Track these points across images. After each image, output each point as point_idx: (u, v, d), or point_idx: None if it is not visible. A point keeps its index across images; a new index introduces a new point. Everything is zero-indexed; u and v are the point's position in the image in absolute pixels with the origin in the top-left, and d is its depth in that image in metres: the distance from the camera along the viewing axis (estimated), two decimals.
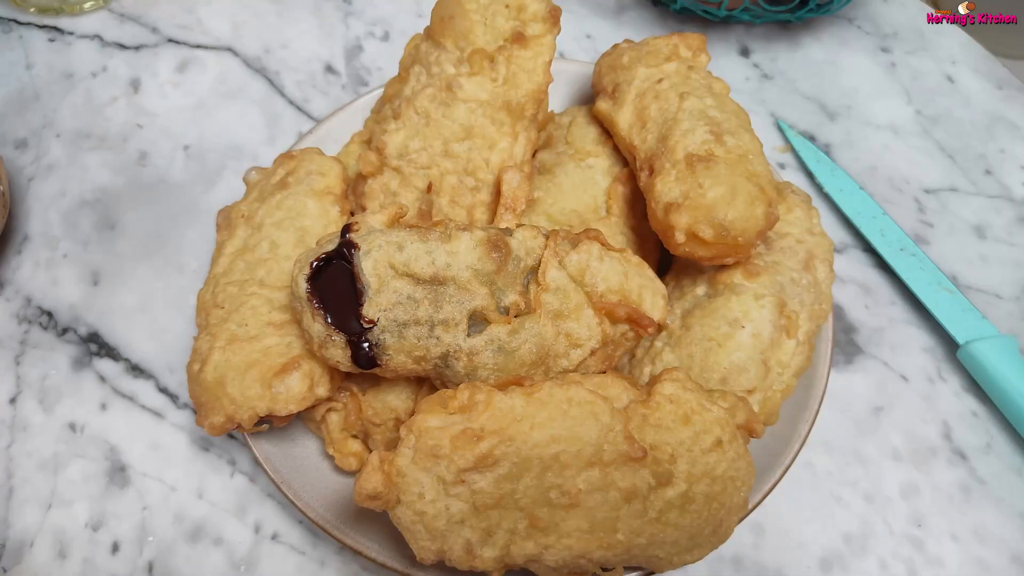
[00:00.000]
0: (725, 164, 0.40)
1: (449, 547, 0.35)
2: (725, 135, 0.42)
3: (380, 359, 0.38)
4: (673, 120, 0.43)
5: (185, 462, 0.48)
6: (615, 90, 0.47)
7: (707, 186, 0.40)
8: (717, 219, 0.40)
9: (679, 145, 0.42)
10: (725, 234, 0.40)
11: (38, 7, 0.66)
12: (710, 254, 0.41)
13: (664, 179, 0.41)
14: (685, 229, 0.40)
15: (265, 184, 0.47)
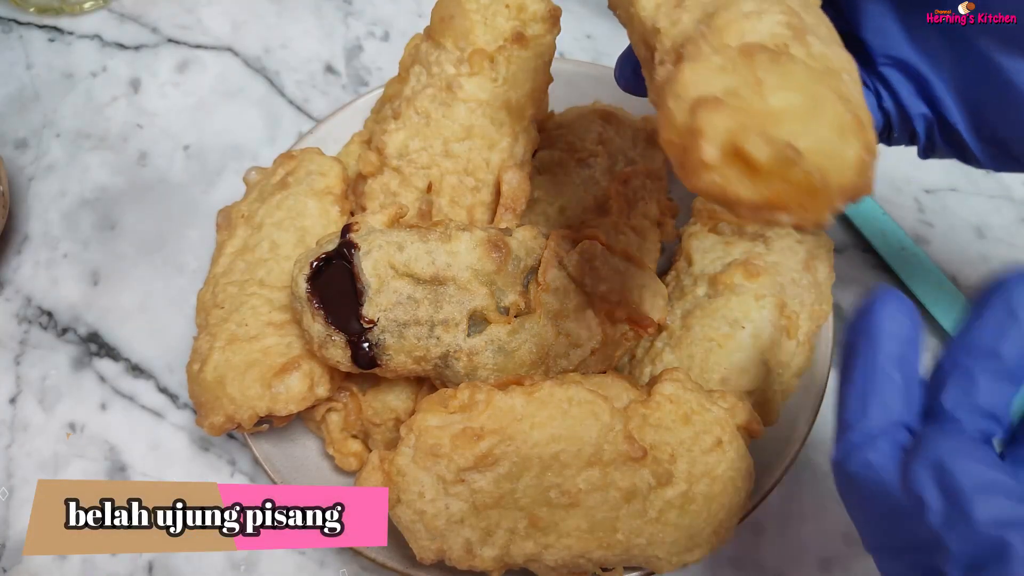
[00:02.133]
0: (804, 67, 0.22)
1: (449, 546, 0.35)
2: (808, 35, 0.24)
3: (380, 359, 0.38)
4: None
5: (185, 462, 0.48)
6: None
7: (770, 85, 0.22)
8: (781, 135, 0.21)
9: (732, 27, 0.24)
10: (792, 162, 0.21)
11: (38, 7, 0.66)
12: (756, 195, 0.21)
13: (698, 65, 0.23)
14: (722, 138, 0.21)
15: (265, 184, 0.47)
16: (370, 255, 0.37)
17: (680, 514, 0.35)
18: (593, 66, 0.55)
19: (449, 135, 0.45)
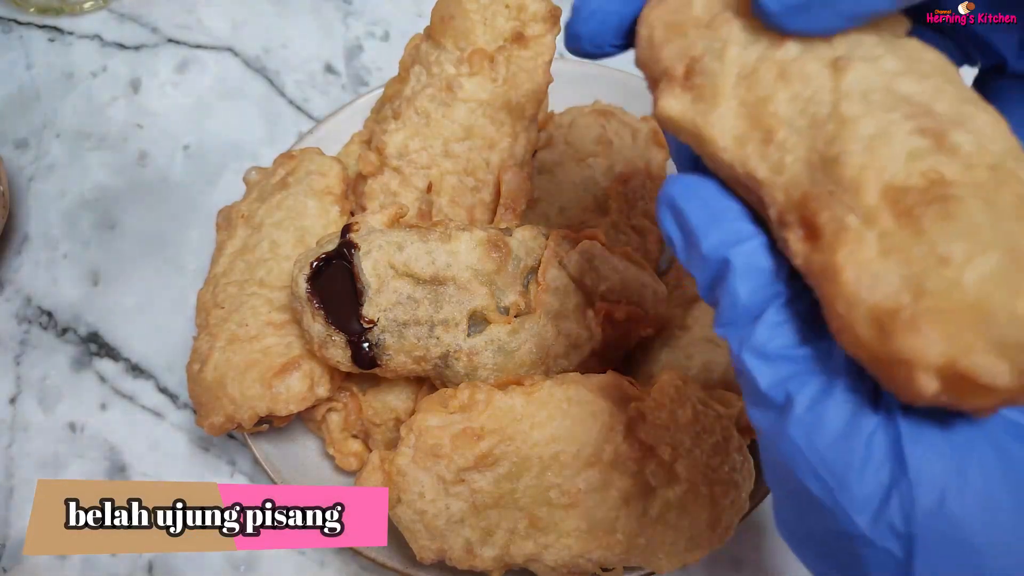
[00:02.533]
0: (975, 196, 0.18)
1: (449, 546, 0.35)
2: (950, 129, 0.19)
3: (380, 359, 0.38)
4: (834, 118, 0.20)
5: (185, 462, 0.48)
6: (691, 71, 0.23)
7: (957, 256, 0.17)
8: (1005, 329, 0.17)
9: (865, 174, 0.19)
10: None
11: (38, 7, 0.66)
12: (992, 402, 0.18)
13: (854, 252, 0.19)
14: (938, 365, 0.17)
15: (265, 184, 0.47)
16: (370, 255, 0.37)
17: (680, 514, 0.35)
18: (593, 66, 0.55)
19: (449, 135, 0.45)
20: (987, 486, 0.18)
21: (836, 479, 0.19)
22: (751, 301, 0.21)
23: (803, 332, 0.20)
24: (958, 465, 0.18)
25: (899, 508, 0.18)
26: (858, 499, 0.18)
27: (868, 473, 0.18)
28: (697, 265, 0.22)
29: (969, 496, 0.18)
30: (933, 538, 0.18)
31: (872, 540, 0.18)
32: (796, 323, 0.20)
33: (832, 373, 0.20)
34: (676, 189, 0.23)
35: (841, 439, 0.19)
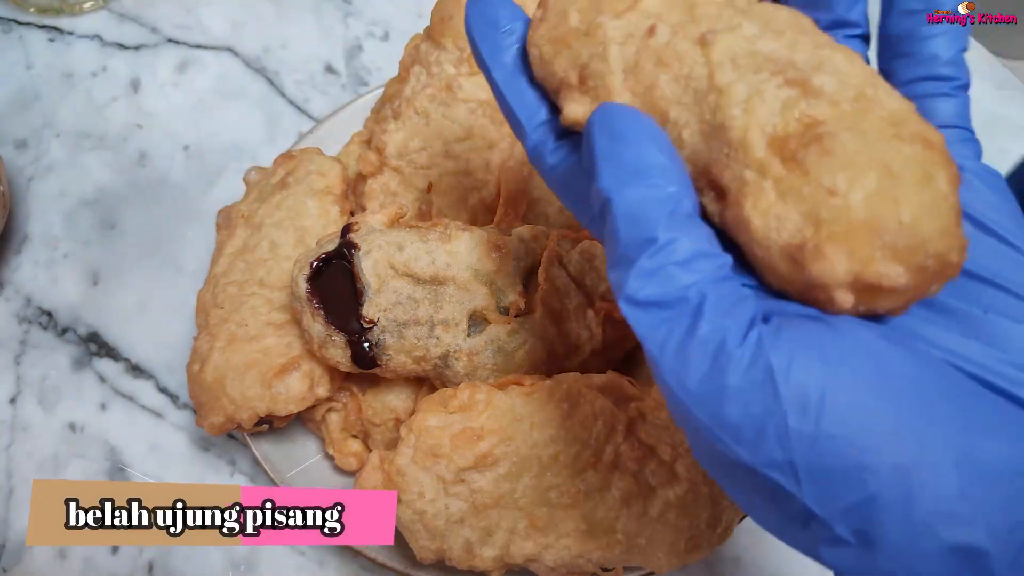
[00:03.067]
0: (844, 128, 0.20)
1: (449, 546, 0.35)
2: (812, 75, 0.21)
3: (380, 359, 0.38)
4: (712, 89, 0.22)
5: (185, 462, 0.48)
6: (583, 77, 0.25)
7: (841, 184, 0.20)
8: (895, 236, 0.19)
9: (749, 131, 0.21)
10: (922, 257, 0.20)
11: (38, 7, 0.66)
12: (902, 301, 0.21)
13: (757, 202, 0.21)
14: (847, 283, 0.20)
15: (265, 184, 0.47)
16: (370, 255, 0.37)
17: (680, 514, 0.35)
18: None
19: (449, 135, 0.45)
20: (863, 400, 0.18)
21: (712, 415, 0.19)
22: (629, 250, 0.21)
23: (678, 276, 0.20)
24: (831, 384, 0.18)
25: (776, 435, 0.18)
26: (737, 431, 0.19)
27: (741, 404, 0.19)
28: (594, 199, 0.22)
29: (845, 414, 0.18)
30: (815, 459, 0.18)
31: (757, 468, 0.19)
32: (671, 273, 0.20)
33: (695, 315, 0.20)
34: (599, 116, 0.23)
35: (711, 375, 0.19)
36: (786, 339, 0.19)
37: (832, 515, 0.18)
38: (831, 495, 0.18)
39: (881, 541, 0.18)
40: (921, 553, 0.18)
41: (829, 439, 0.18)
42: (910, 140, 0.20)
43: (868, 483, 0.18)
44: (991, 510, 0.18)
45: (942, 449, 0.18)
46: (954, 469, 0.18)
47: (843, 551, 0.19)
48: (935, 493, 0.18)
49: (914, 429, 0.18)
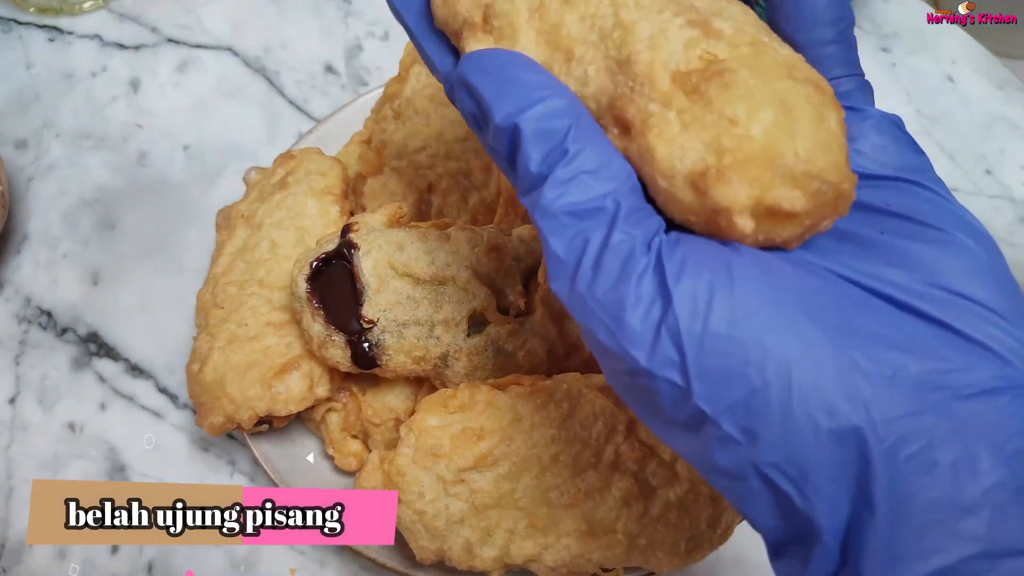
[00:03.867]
0: (744, 66, 0.21)
1: (449, 547, 0.35)
2: (712, 19, 0.22)
3: (380, 359, 0.38)
4: (618, 27, 0.23)
5: (185, 462, 0.48)
6: (487, 16, 0.25)
7: (742, 114, 0.20)
8: (792, 165, 0.20)
9: (653, 65, 0.22)
10: (818, 184, 0.21)
11: (38, 7, 0.66)
12: (799, 229, 0.21)
13: (661, 132, 0.21)
14: (749, 208, 0.21)
15: (265, 184, 0.47)
16: (370, 255, 0.37)
17: (681, 514, 0.35)
18: None
19: (449, 135, 0.45)
20: (749, 302, 0.19)
21: (615, 321, 0.20)
22: (543, 167, 0.21)
23: (592, 185, 0.21)
24: (719, 287, 0.19)
25: (669, 337, 0.19)
26: (635, 336, 0.20)
27: (640, 310, 0.20)
28: (495, 138, 0.22)
29: (731, 314, 0.19)
30: (703, 359, 0.19)
31: (653, 372, 0.19)
32: (585, 181, 0.21)
33: (612, 224, 0.20)
34: (467, 65, 0.23)
35: (617, 283, 0.20)
36: (682, 247, 0.20)
37: (720, 412, 0.19)
38: (718, 392, 0.19)
39: (764, 433, 0.19)
40: (801, 441, 0.19)
41: (715, 338, 0.19)
42: (803, 82, 0.21)
43: (752, 378, 0.19)
44: (870, 402, 0.18)
45: (823, 347, 0.19)
46: (833, 365, 0.19)
47: (732, 451, 0.19)
48: (815, 385, 0.18)
49: (797, 328, 0.19)
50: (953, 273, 0.21)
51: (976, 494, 0.18)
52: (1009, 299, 0.21)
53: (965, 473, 0.18)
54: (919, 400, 0.19)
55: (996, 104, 0.66)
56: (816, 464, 0.19)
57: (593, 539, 0.35)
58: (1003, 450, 0.18)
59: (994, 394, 0.19)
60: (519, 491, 0.34)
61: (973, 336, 0.20)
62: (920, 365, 0.19)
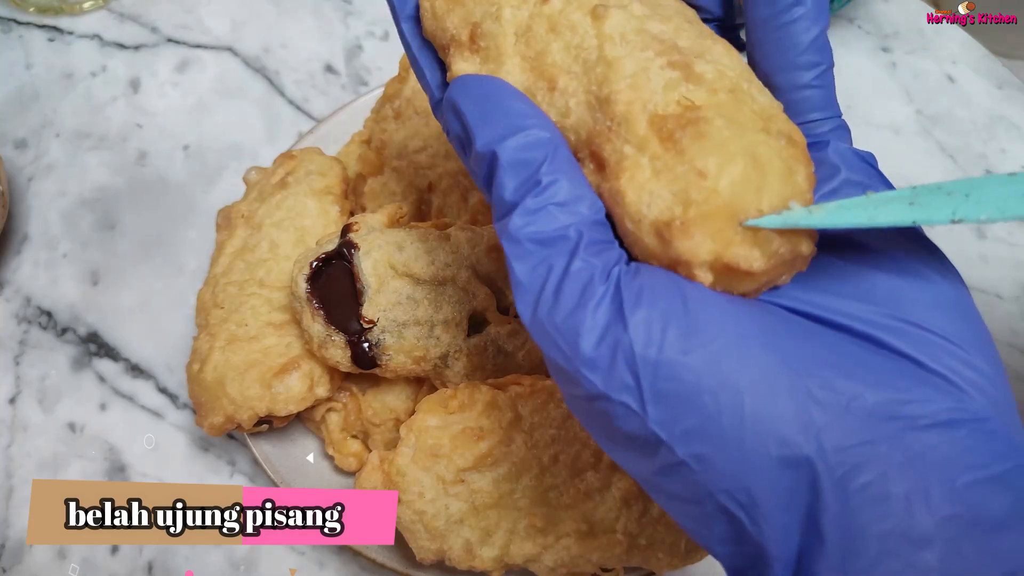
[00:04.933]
0: (720, 115, 0.21)
1: (448, 547, 0.35)
2: (694, 61, 0.22)
3: (380, 359, 0.38)
4: (601, 62, 0.23)
5: (184, 462, 0.48)
6: (474, 35, 0.26)
7: (712, 168, 0.20)
8: (754, 224, 0.21)
9: (632, 107, 0.22)
10: (777, 245, 0.21)
11: (37, 7, 0.66)
12: (755, 285, 0.22)
13: (633, 177, 0.22)
14: (708, 262, 0.21)
15: (265, 184, 0.47)
16: (370, 255, 0.37)
17: None
18: None
19: None
20: (704, 329, 0.19)
21: (571, 346, 0.20)
22: (516, 196, 0.21)
23: (559, 216, 0.21)
24: (674, 316, 0.20)
25: (624, 362, 0.19)
26: (591, 360, 0.20)
27: (595, 335, 0.20)
28: (475, 162, 0.23)
29: (686, 343, 0.19)
30: (658, 384, 0.19)
31: (608, 395, 0.20)
32: (553, 212, 0.21)
33: (573, 253, 0.21)
34: (456, 88, 0.23)
35: (575, 309, 0.20)
36: (641, 277, 0.21)
37: (674, 437, 0.19)
38: (673, 417, 0.19)
39: (717, 460, 0.19)
40: (753, 468, 0.19)
41: (670, 364, 0.19)
42: (776, 135, 0.21)
43: (706, 404, 0.19)
44: (822, 430, 0.18)
45: (777, 375, 0.19)
46: (787, 393, 0.19)
47: (686, 476, 0.19)
48: (767, 412, 0.19)
49: (751, 356, 0.19)
50: (915, 304, 0.21)
51: (929, 526, 0.18)
52: (971, 331, 0.21)
53: (918, 505, 0.18)
54: (873, 429, 0.19)
55: (996, 104, 0.66)
56: (766, 492, 0.19)
57: (593, 539, 0.35)
58: (956, 483, 0.18)
59: (950, 427, 0.19)
60: (519, 491, 0.34)
61: (932, 367, 0.20)
62: (876, 395, 0.19)
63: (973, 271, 0.57)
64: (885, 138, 0.63)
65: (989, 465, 0.18)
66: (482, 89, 0.23)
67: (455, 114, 0.23)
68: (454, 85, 0.24)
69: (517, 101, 0.23)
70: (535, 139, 0.22)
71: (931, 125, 0.65)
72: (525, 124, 0.22)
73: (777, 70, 0.24)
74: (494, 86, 0.23)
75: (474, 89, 0.23)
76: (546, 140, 0.22)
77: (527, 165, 0.22)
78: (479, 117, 0.22)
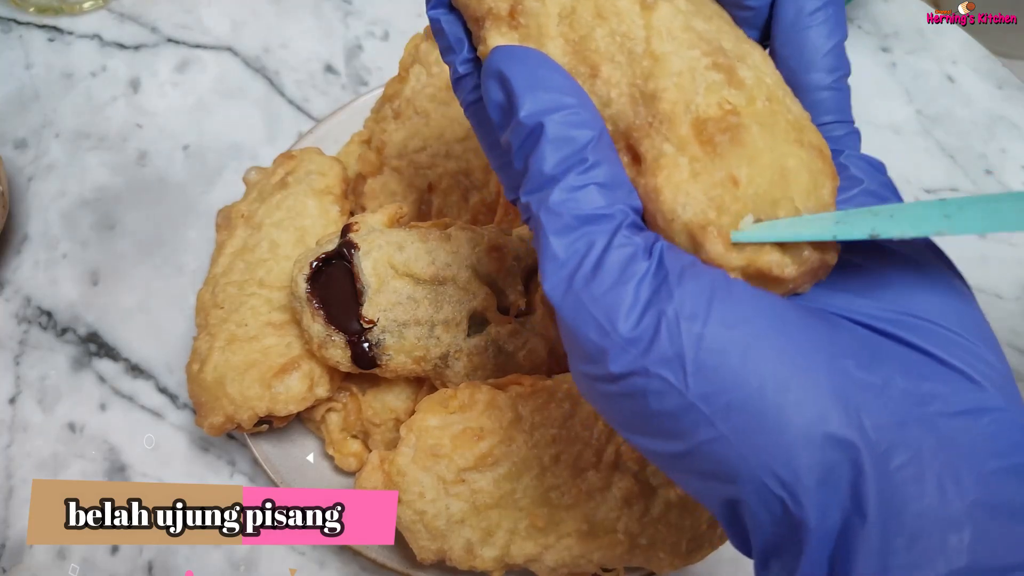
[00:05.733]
0: (757, 124, 0.21)
1: (449, 547, 0.35)
2: (737, 65, 0.22)
3: (380, 359, 0.38)
4: (648, 55, 0.22)
5: (184, 462, 0.48)
6: (515, 11, 0.24)
7: (743, 178, 0.21)
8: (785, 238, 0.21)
9: (677, 107, 0.22)
10: (807, 254, 0.22)
11: (37, 7, 0.66)
12: (783, 291, 0.22)
13: (671, 176, 0.21)
14: (742, 267, 0.21)
15: (265, 184, 0.47)
16: (370, 255, 0.37)
17: (682, 514, 0.35)
18: None
19: (449, 135, 0.45)
20: (746, 311, 0.20)
21: (610, 320, 0.20)
22: (557, 170, 0.21)
23: (601, 196, 0.21)
24: (719, 294, 0.20)
25: (667, 335, 0.19)
26: (630, 333, 0.20)
27: (638, 309, 0.20)
28: (515, 132, 0.22)
29: (731, 319, 0.19)
30: (702, 356, 0.19)
31: (647, 368, 0.20)
32: (594, 191, 0.21)
33: (616, 231, 0.21)
34: (502, 55, 0.23)
35: (616, 284, 0.20)
36: (683, 256, 0.21)
37: (716, 411, 0.19)
38: (716, 391, 0.19)
39: (758, 436, 0.19)
40: (795, 445, 0.19)
41: (715, 338, 0.19)
42: (808, 147, 0.21)
43: (749, 380, 0.19)
44: (861, 408, 0.19)
45: (816, 353, 0.19)
46: (826, 372, 0.19)
47: (725, 452, 0.19)
48: (809, 389, 0.19)
49: (791, 336, 0.20)
50: (927, 303, 0.22)
51: (961, 509, 0.18)
52: (979, 329, 0.22)
53: (951, 488, 0.18)
54: (907, 412, 0.19)
55: (996, 104, 0.66)
56: (808, 468, 0.19)
57: (594, 539, 0.35)
58: (983, 469, 0.19)
59: (975, 415, 0.19)
60: (520, 491, 0.34)
61: (950, 361, 0.20)
62: (906, 381, 0.19)
63: (973, 271, 0.57)
64: (885, 138, 0.63)
65: (1011, 454, 0.19)
66: (529, 59, 0.23)
67: (499, 81, 0.23)
68: (497, 52, 0.23)
69: (564, 78, 0.23)
70: (582, 118, 0.22)
71: (931, 125, 0.65)
72: (571, 102, 0.22)
73: (797, 71, 0.25)
74: (541, 59, 0.23)
75: (521, 58, 0.23)
76: (592, 121, 0.22)
77: (572, 142, 0.21)
78: (526, 87, 0.22)
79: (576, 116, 0.22)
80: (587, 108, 0.22)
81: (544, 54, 0.23)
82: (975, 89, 0.66)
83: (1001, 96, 0.66)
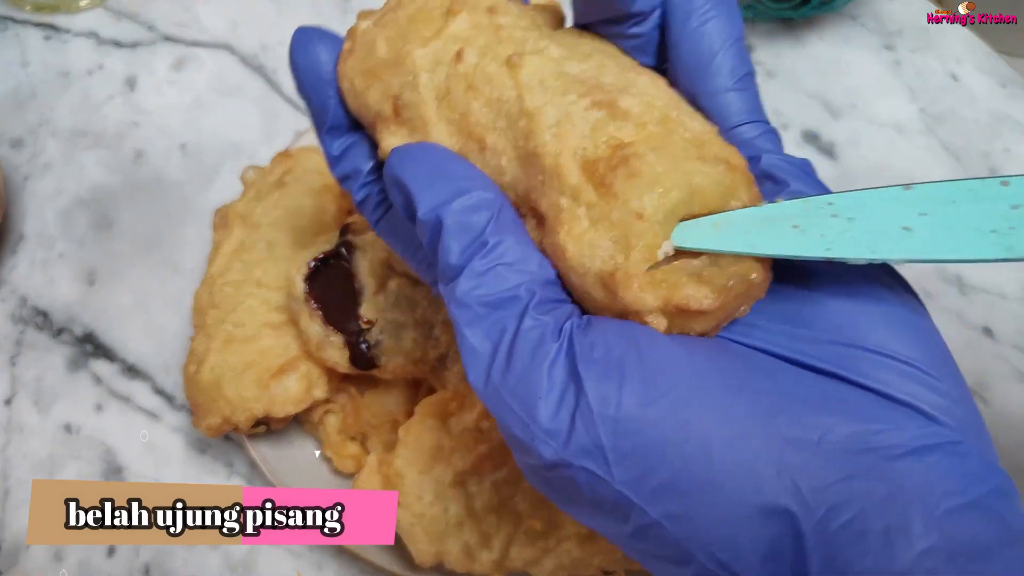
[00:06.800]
0: (651, 150, 0.20)
1: (448, 550, 0.35)
2: (619, 97, 0.21)
3: (378, 360, 0.38)
4: (523, 115, 0.22)
5: (181, 464, 0.48)
6: (398, 108, 0.25)
7: (648, 208, 0.20)
8: (698, 261, 0.20)
9: (560, 158, 0.21)
10: (726, 278, 0.20)
11: (34, 5, 0.66)
12: (713, 323, 0.21)
13: (571, 229, 0.21)
14: (660, 307, 0.20)
15: (262, 183, 0.47)
16: (368, 255, 0.37)
17: None
18: None
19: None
20: (663, 380, 0.19)
21: (528, 412, 0.19)
22: (462, 259, 0.21)
23: (508, 276, 0.21)
24: (631, 367, 0.19)
25: (583, 425, 0.19)
26: (549, 426, 0.19)
27: (553, 398, 0.19)
28: (420, 231, 0.22)
29: (645, 394, 0.18)
30: (620, 442, 0.18)
31: (570, 461, 0.19)
32: (503, 272, 0.21)
33: (523, 312, 0.20)
34: (395, 159, 0.23)
35: (528, 371, 0.19)
36: (593, 330, 0.20)
37: (644, 498, 0.18)
38: (640, 476, 0.18)
39: (693, 516, 0.18)
40: (731, 521, 0.18)
41: (630, 420, 0.18)
42: (713, 161, 0.20)
43: (672, 458, 0.18)
44: (797, 471, 0.18)
45: (743, 416, 0.18)
46: (756, 436, 0.18)
47: (663, 536, 0.18)
48: (739, 460, 0.18)
49: (714, 400, 0.18)
50: (872, 329, 0.20)
51: (908, 561, 0.17)
52: (931, 353, 0.20)
53: (898, 539, 0.17)
54: (848, 464, 0.18)
55: (1001, 103, 0.65)
56: (748, 545, 0.18)
57: (594, 542, 0.34)
58: (935, 512, 0.18)
59: (923, 453, 0.18)
60: (519, 494, 0.34)
61: (896, 396, 0.19)
62: (846, 427, 0.18)
63: (977, 271, 0.57)
64: (888, 137, 0.63)
65: (966, 490, 0.18)
66: (419, 156, 0.23)
67: (397, 186, 0.22)
68: (391, 157, 0.23)
69: (456, 164, 0.22)
70: (478, 200, 0.21)
71: (935, 124, 0.64)
72: (467, 186, 0.21)
73: (698, 79, 0.23)
74: (430, 152, 0.23)
75: (413, 156, 0.23)
76: (489, 200, 0.21)
77: (472, 227, 0.21)
78: (420, 184, 0.22)
79: (471, 200, 0.21)
80: (485, 187, 0.22)
81: (434, 144, 0.23)
82: (979, 88, 0.66)
83: (1005, 95, 0.66)
